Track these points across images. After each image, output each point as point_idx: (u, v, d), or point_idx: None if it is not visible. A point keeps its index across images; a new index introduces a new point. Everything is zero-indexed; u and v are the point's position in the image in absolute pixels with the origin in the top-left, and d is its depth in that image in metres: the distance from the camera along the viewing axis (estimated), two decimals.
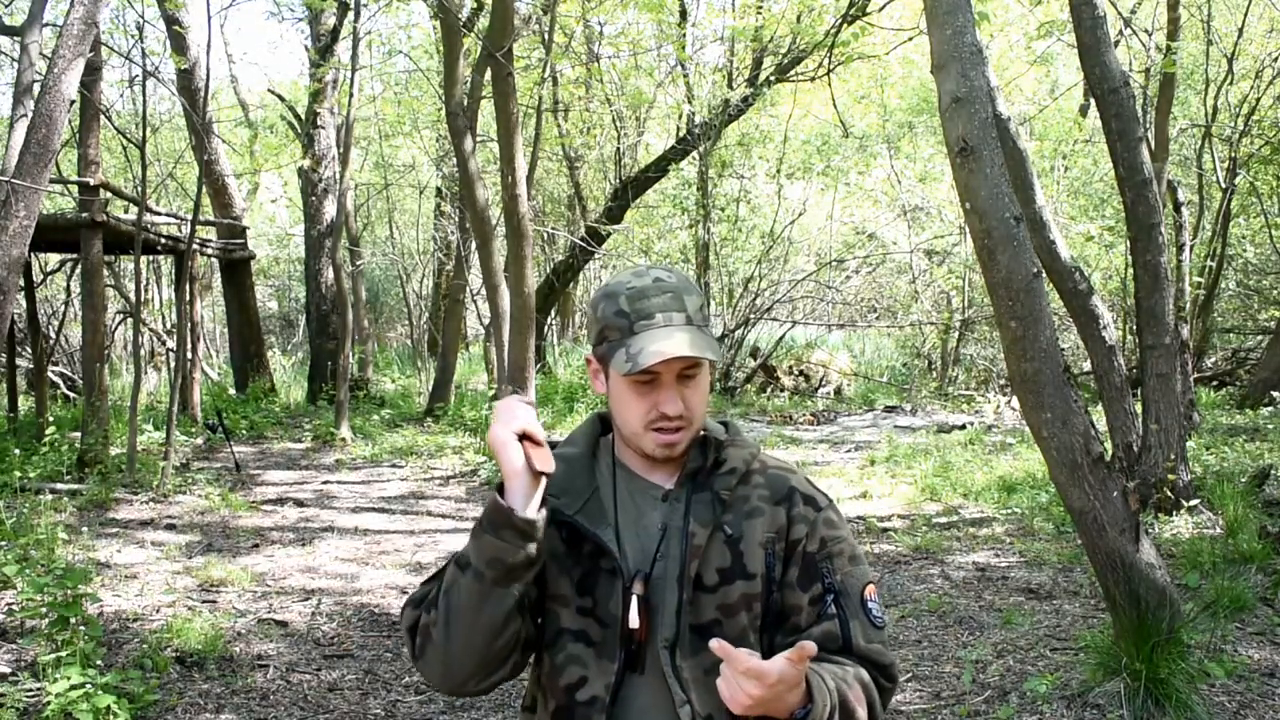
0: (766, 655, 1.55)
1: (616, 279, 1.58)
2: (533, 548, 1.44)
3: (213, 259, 14.48)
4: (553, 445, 1.69)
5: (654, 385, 1.52)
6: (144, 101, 10.22)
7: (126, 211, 12.34)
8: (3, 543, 5.72)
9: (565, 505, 1.55)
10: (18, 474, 7.85)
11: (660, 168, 14.94)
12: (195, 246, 11.26)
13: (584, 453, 1.64)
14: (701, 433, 1.62)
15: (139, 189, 9.91)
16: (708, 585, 1.53)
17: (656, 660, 1.51)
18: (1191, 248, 10.99)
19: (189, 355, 11.52)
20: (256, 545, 6.64)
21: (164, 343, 16.46)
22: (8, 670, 4.20)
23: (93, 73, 8.56)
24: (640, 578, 1.51)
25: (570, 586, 1.55)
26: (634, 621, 1.49)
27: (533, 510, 1.44)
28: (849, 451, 10.43)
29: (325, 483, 8.88)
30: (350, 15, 12.58)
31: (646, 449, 1.56)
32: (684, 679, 1.50)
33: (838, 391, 15.81)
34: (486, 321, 12.60)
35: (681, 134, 14.98)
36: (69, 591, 4.02)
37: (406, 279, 20.68)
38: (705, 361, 1.53)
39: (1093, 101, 8.13)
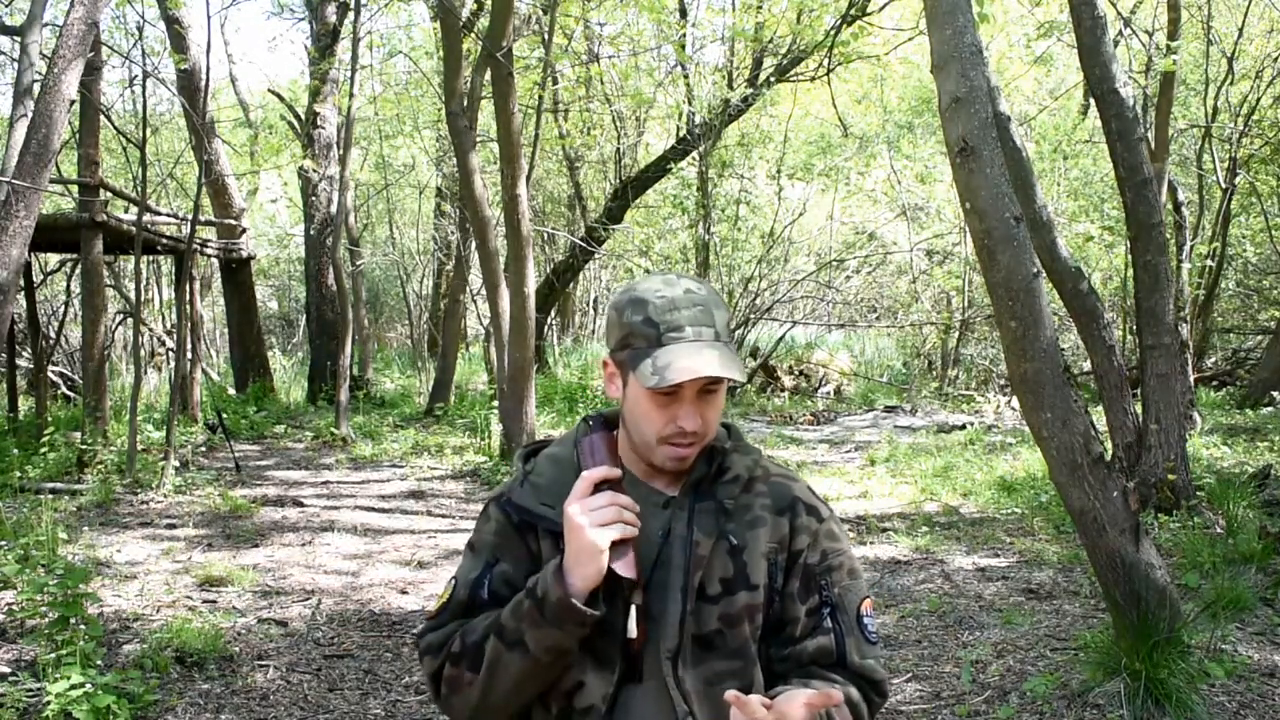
0: (763, 664, 1.56)
1: (645, 284, 1.53)
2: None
3: (213, 259, 14.48)
4: (545, 445, 1.69)
5: (675, 399, 1.49)
6: (144, 101, 10.20)
7: (126, 211, 12.34)
8: (3, 542, 5.72)
9: (560, 516, 1.52)
10: (18, 474, 7.85)
11: (660, 168, 14.92)
12: (195, 246, 11.26)
13: (575, 454, 1.61)
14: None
15: (139, 189, 9.91)
16: (710, 595, 1.51)
17: (658, 670, 1.49)
18: (1191, 248, 11.00)
19: (189, 355, 11.52)
20: (257, 545, 6.64)
21: (164, 343, 16.46)
22: (8, 670, 4.20)
23: (93, 73, 8.55)
24: (639, 586, 1.50)
25: None
26: (632, 631, 1.48)
27: (596, 601, 1.45)
28: (849, 451, 10.44)
29: (325, 482, 8.88)
30: (350, 15, 12.58)
31: (656, 461, 1.54)
32: (686, 690, 1.49)
33: (838, 391, 15.81)
34: (486, 322, 12.60)
35: (681, 134, 14.96)
36: (69, 591, 4.02)
37: (406, 279, 20.67)
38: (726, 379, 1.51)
39: (1093, 101, 8.13)
